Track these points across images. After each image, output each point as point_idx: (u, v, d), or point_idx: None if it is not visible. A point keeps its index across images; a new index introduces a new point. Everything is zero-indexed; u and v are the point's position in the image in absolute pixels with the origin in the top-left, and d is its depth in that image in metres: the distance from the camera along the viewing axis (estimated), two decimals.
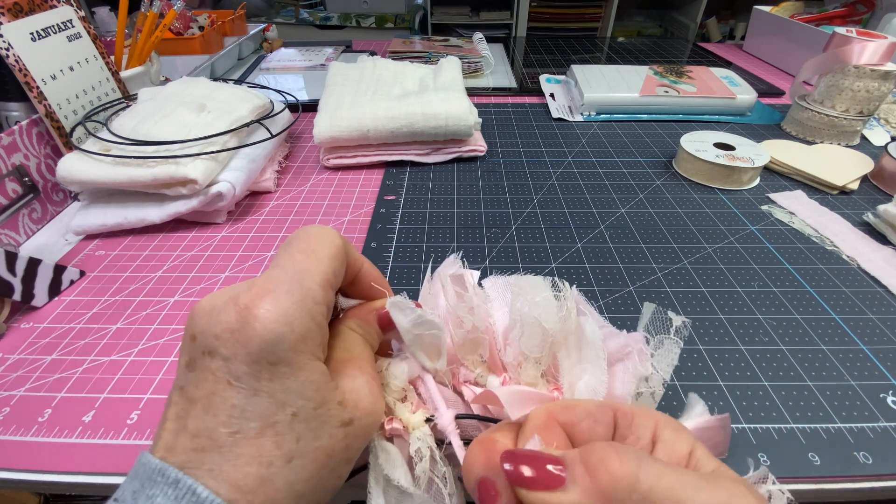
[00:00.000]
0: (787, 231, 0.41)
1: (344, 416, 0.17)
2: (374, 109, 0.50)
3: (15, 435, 0.25)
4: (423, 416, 0.20)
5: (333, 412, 0.17)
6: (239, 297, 0.16)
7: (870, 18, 0.86)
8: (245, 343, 0.15)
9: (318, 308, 0.17)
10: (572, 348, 0.21)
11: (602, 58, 0.90)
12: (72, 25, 0.45)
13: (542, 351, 0.21)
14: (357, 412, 0.18)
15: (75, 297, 0.35)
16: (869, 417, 0.26)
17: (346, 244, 0.20)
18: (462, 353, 0.22)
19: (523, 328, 0.21)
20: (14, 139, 0.40)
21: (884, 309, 0.33)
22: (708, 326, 0.32)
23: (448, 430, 0.20)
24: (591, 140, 0.57)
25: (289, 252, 0.18)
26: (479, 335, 0.22)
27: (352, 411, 0.17)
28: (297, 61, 0.83)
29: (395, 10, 1.92)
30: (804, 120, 0.57)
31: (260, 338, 0.15)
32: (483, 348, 0.22)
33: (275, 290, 0.16)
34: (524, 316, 0.21)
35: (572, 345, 0.21)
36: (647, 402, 0.21)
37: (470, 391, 0.22)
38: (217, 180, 0.41)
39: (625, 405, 0.18)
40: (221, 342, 0.16)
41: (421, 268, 0.37)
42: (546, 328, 0.21)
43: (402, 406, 0.21)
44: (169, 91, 0.48)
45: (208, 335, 0.16)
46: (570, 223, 0.42)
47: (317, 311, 0.17)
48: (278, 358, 0.16)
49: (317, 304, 0.17)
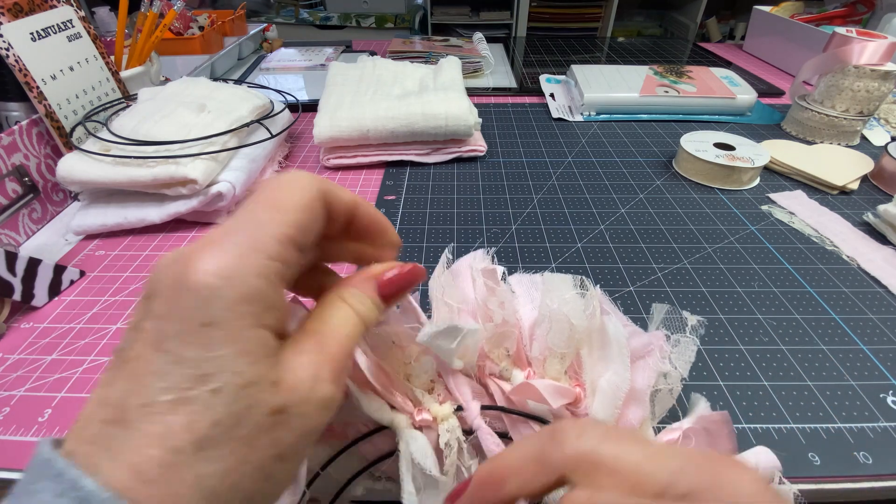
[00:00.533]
0: (787, 231, 0.41)
1: (275, 401, 0.14)
2: (374, 109, 0.50)
3: (15, 435, 0.25)
4: (452, 408, 0.21)
5: (264, 395, 0.14)
6: (185, 250, 0.14)
7: (870, 18, 0.86)
8: (178, 299, 0.14)
9: (270, 265, 0.15)
10: (595, 346, 0.22)
11: (602, 58, 0.90)
12: (72, 25, 0.45)
13: (569, 347, 0.21)
14: (291, 398, 0.15)
15: (75, 297, 0.35)
16: (869, 417, 0.26)
17: (327, 191, 0.17)
18: (489, 346, 0.23)
19: (551, 324, 0.21)
20: (14, 139, 0.40)
21: (884, 309, 0.33)
22: (708, 326, 0.32)
23: (476, 423, 0.20)
24: (591, 140, 0.57)
25: (250, 202, 0.16)
26: (508, 329, 0.22)
27: (286, 396, 0.14)
28: (297, 61, 0.83)
29: (395, 10, 1.93)
30: (804, 120, 0.57)
31: (193, 293, 0.13)
32: (510, 342, 0.23)
33: (220, 242, 0.14)
34: (553, 312, 0.21)
35: (595, 342, 0.22)
36: (665, 398, 0.22)
37: (495, 384, 0.23)
38: (217, 180, 0.41)
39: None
40: (159, 299, 0.14)
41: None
42: (574, 325, 0.21)
43: (429, 397, 0.21)
44: (169, 91, 0.48)
45: (151, 292, 0.14)
46: (570, 223, 0.42)
47: (269, 268, 0.15)
48: (212, 318, 0.13)
49: (270, 259, 0.15)
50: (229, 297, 0.14)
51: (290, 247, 0.15)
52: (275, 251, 0.15)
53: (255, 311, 0.14)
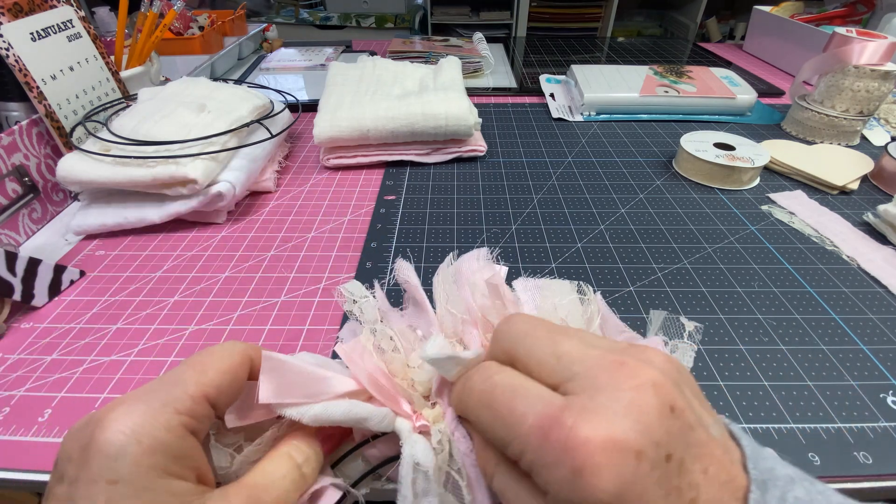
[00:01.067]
0: (787, 231, 0.41)
1: None
2: (374, 109, 0.50)
3: (15, 435, 0.25)
4: (442, 411, 0.21)
5: None
6: (96, 413, 0.15)
7: (870, 18, 0.86)
8: (86, 461, 0.14)
9: (179, 419, 0.15)
10: None
11: (602, 58, 0.90)
12: (72, 25, 0.45)
13: None
14: None
15: (75, 297, 0.35)
16: (869, 417, 0.26)
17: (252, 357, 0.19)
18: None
19: None
20: (14, 139, 0.40)
21: (884, 309, 0.33)
22: (708, 326, 0.32)
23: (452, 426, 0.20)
24: (591, 140, 0.57)
25: (182, 363, 0.18)
26: None
27: None
28: (297, 61, 0.83)
29: (395, 10, 1.93)
30: (804, 120, 0.57)
31: (100, 453, 0.14)
32: None
33: (131, 400, 0.15)
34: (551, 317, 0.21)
35: None
36: None
37: None
38: (217, 180, 0.41)
39: None
40: (70, 463, 0.14)
41: (421, 268, 0.37)
42: None
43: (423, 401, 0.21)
44: (169, 91, 0.48)
45: (63, 457, 0.15)
46: (570, 223, 0.42)
47: (178, 421, 0.15)
48: (118, 476, 0.14)
49: (179, 413, 0.15)
50: (135, 453, 0.14)
51: (203, 404, 0.17)
52: (186, 406, 0.16)
53: (161, 462, 0.15)
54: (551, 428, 0.14)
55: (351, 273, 0.37)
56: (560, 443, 0.14)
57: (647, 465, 0.13)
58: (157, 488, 0.14)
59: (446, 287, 0.24)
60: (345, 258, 0.38)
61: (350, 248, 0.39)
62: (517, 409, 0.15)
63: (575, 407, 0.14)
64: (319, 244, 0.40)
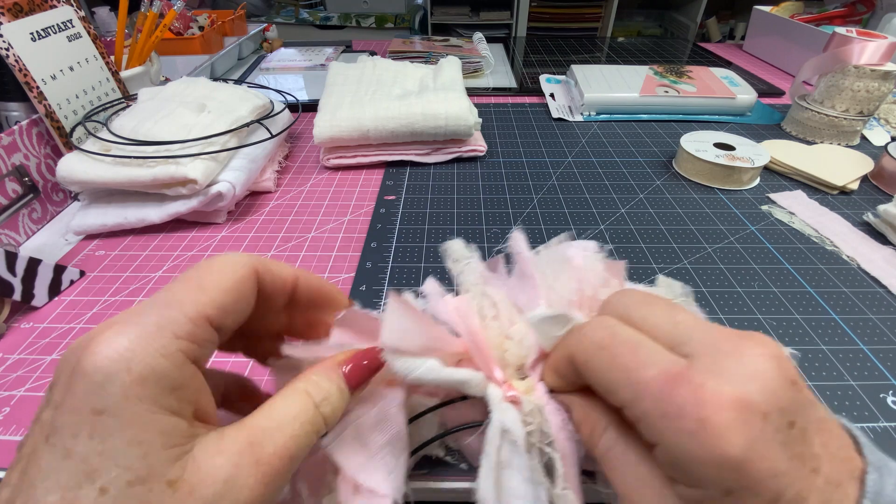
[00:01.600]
0: (787, 231, 0.41)
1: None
2: (374, 109, 0.50)
3: (15, 435, 0.25)
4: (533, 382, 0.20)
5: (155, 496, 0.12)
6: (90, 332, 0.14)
7: (870, 18, 0.86)
8: (71, 387, 0.13)
9: (177, 344, 0.14)
10: None
11: (602, 58, 0.90)
12: (72, 25, 0.45)
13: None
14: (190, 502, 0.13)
15: (75, 297, 0.35)
16: (869, 417, 0.26)
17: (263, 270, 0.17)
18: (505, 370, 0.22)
19: None
20: (14, 139, 0.40)
21: (884, 309, 0.33)
22: None
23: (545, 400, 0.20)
24: (591, 140, 0.57)
25: (174, 280, 0.15)
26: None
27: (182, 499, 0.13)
28: (297, 61, 0.83)
29: (395, 10, 1.93)
30: (804, 120, 0.57)
31: (86, 379, 0.12)
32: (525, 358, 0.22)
33: (123, 323, 0.13)
34: None
35: None
36: None
37: None
38: (217, 180, 0.41)
39: None
40: (57, 386, 0.13)
41: (421, 268, 0.37)
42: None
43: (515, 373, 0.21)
44: (169, 91, 0.48)
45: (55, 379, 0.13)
46: (570, 223, 0.42)
47: (176, 346, 0.14)
48: (104, 406, 0.12)
49: (178, 338, 0.14)
50: (124, 381, 0.12)
51: (204, 326, 0.15)
52: (185, 329, 0.14)
53: (154, 394, 0.13)
54: (676, 381, 0.14)
55: (351, 273, 0.37)
56: (687, 396, 0.14)
57: (772, 428, 0.13)
58: (146, 424, 0.13)
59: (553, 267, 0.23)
60: (345, 258, 0.38)
61: (350, 248, 0.39)
62: (640, 357, 0.15)
63: (702, 367, 0.14)
64: (319, 244, 0.40)
